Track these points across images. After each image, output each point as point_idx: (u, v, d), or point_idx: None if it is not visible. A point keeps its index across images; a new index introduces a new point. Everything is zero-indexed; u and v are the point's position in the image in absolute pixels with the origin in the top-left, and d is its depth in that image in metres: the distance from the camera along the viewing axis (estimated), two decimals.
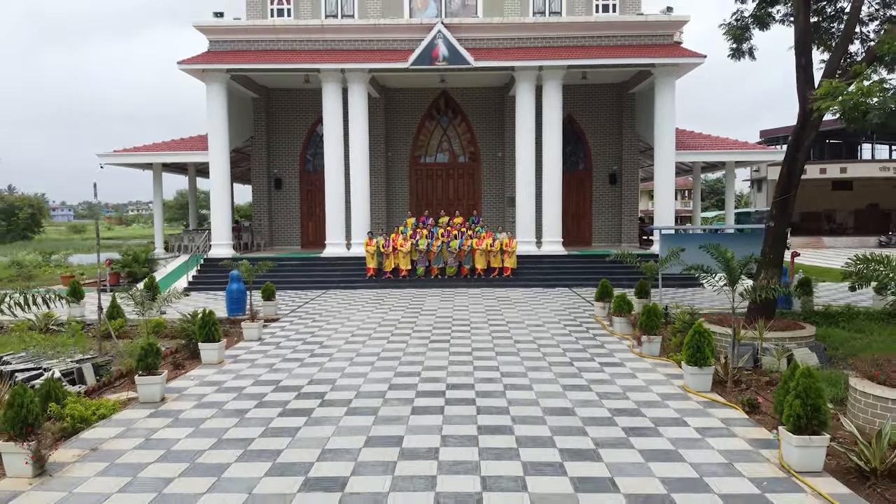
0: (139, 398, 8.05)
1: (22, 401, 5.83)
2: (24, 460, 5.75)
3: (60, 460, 6.14)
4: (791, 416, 5.85)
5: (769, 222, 12.05)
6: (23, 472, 5.78)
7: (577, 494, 5.25)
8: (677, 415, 7.32)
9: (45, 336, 13.08)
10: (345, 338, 11.97)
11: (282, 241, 26.06)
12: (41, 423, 6.00)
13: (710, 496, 5.25)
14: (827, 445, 5.81)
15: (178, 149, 23.91)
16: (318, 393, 8.29)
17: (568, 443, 6.41)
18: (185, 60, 20.71)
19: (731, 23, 15.01)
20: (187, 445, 6.48)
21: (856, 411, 7.27)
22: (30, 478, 5.75)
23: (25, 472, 5.77)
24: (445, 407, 7.61)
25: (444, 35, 20.55)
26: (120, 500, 5.27)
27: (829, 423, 5.88)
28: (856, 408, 7.31)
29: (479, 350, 10.80)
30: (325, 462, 5.96)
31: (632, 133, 25.05)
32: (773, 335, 10.44)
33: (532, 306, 15.74)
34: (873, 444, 5.92)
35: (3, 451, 5.82)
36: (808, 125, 11.58)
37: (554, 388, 8.44)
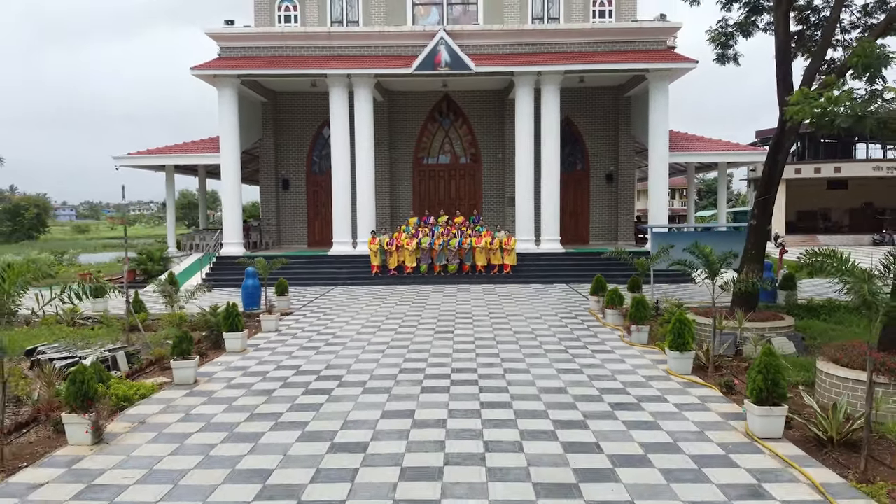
0: (174, 380, 8.91)
1: (82, 377, 6.69)
2: (85, 429, 6.61)
3: (114, 431, 7.00)
4: (754, 390, 6.70)
5: (751, 221, 12.90)
6: (83, 440, 6.63)
7: (567, 455, 6.10)
8: (659, 393, 8.18)
9: (72, 329, 13.95)
10: (356, 329, 12.84)
11: (289, 240, 26.92)
12: (99, 398, 6.87)
13: (682, 456, 6.10)
14: (785, 415, 6.66)
15: (189, 151, 24.79)
16: (335, 376, 9.16)
17: (560, 415, 7.27)
18: (198, 66, 21.57)
19: (716, 30, 15.89)
20: (224, 419, 7.34)
21: (822, 391, 8.11)
22: (90, 445, 6.61)
23: (86, 441, 6.63)
24: (451, 387, 8.46)
25: (446, 42, 21.39)
26: (172, 462, 6.12)
27: (786, 396, 6.73)
28: (821, 388, 8.15)
29: (481, 340, 11.65)
30: (347, 430, 6.82)
31: (628, 134, 25.90)
32: (753, 325, 11.28)
33: (531, 301, 16.60)
34: (830, 416, 6.78)
35: (66, 421, 6.67)
36: (787, 130, 12.42)
37: (549, 371, 9.29)
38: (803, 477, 5.64)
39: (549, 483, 5.48)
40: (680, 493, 5.29)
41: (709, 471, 5.76)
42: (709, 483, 5.50)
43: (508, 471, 5.72)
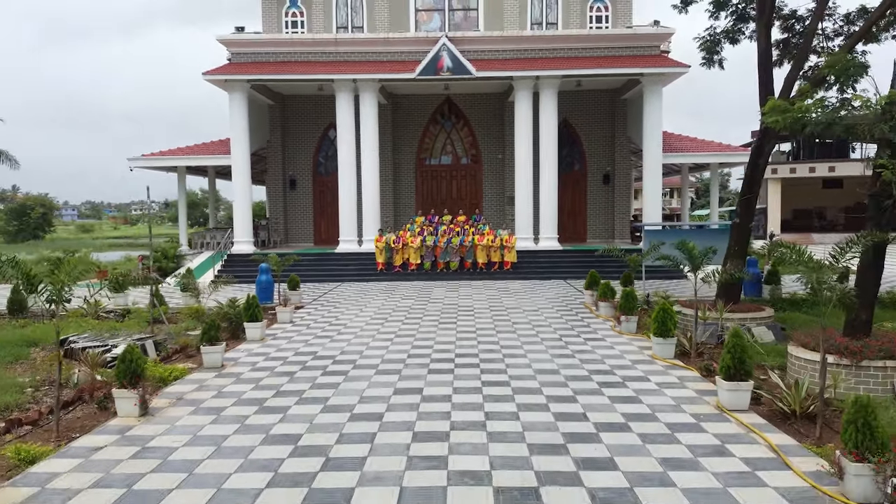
0: (204, 364, 9.80)
1: (131, 357, 7.58)
2: (133, 402, 7.50)
3: (156, 406, 7.88)
4: (723, 368, 7.59)
5: (735, 219, 13.78)
6: (131, 412, 7.52)
7: (557, 422, 6.99)
8: (642, 374, 9.06)
9: (97, 321, 14.86)
10: (365, 320, 13.72)
11: (296, 239, 27.81)
12: (144, 375, 7.76)
13: (658, 424, 6.98)
14: (750, 390, 7.54)
15: (199, 153, 25.68)
16: (349, 360, 10.05)
17: (552, 391, 8.15)
18: (210, 71, 22.46)
19: (704, 38, 16.78)
20: (253, 395, 8.23)
21: (792, 372, 8.99)
22: (137, 417, 7.49)
23: (133, 413, 7.52)
24: (455, 369, 9.35)
25: (448, 47, 22.27)
26: (212, 429, 7.00)
27: (752, 373, 7.61)
28: (791, 369, 9.04)
29: (482, 330, 12.54)
30: (364, 404, 7.71)
31: (624, 136, 26.77)
32: (735, 316, 12.17)
33: (529, 295, 17.48)
34: (793, 392, 7.66)
35: (116, 396, 7.56)
36: (767, 135, 13.29)
37: (544, 356, 10.18)
38: (762, 440, 6.51)
39: (541, 444, 6.36)
40: (653, 452, 6.17)
41: (680, 435, 6.64)
42: (679, 444, 6.38)
43: (506, 434, 6.61)
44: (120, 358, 7.64)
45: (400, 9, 26.50)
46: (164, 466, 5.98)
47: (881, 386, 8.34)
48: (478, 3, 26.63)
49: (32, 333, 13.27)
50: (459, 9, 26.77)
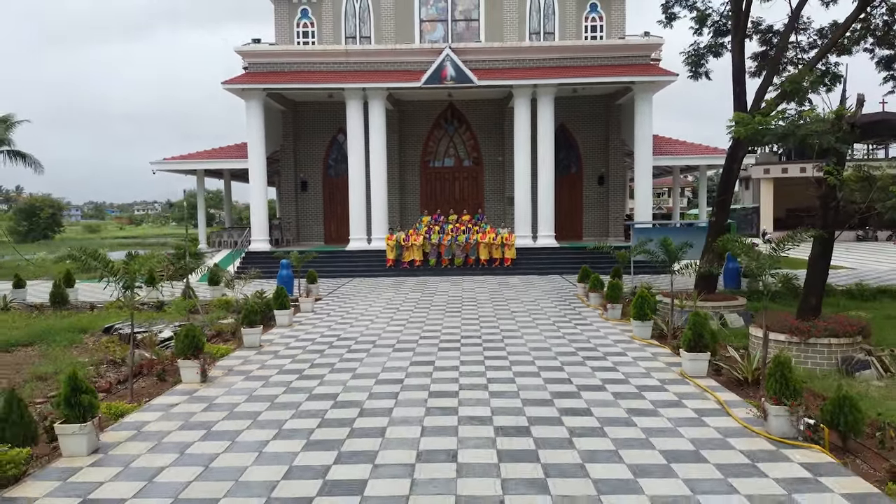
0: (244, 344, 11.35)
1: (193, 333, 9.13)
2: (196, 371, 9.04)
3: (212, 375, 9.42)
4: (685, 341, 9.12)
5: (711, 217, 15.30)
6: (194, 379, 9.06)
7: (546, 384, 8.52)
8: (621, 350, 10.60)
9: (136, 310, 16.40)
10: (379, 310, 15.26)
11: (307, 237, 29.34)
12: (203, 349, 9.30)
13: (629, 385, 8.50)
14: (707, 359, 9.06)
15: (217, 157, 27.23)
16: (369, 340, 11.59)
17: (543, 363, 9.69)
18: (228, 81, 24.00)
19: (689, 52, 18.30)
20: (292, 367, 9.77)
21: (751, 349, 10.49)
22: (198, 383, 9.03)
23: (195, 379, 9.05)
24: (461, 348, 10.88)
25: (451, 58, 23.79)
26: (264, 391, 8.53)
27: (709, 346, 9.13)
28: (752, 347, 10.55)
29: (484, 318, 14.07)
30: (386, 372, 9.26)
31: (618, 139, 28.28)
32: (709, 304, 13.72)
33: (527, 288, 19.01)
34: (746, 362, 9.18)
35: (181, 365, 9.11)
36: (739, 143, 14.78)
37: (538, 337, 11.71)
38: (713, 397, 8.04)
39: (532, 398, 7.90)
40: (622, 405, 7.69)
41: (646, 393, 8.17)
42: (644, 399, 7.91)
43: (504, 392, 8.15)
44: (183, 335, 9.18)
45: (405, 19, 28.04)
46: (232, 416, 7.52)
47: (826, 360, 9.87)
48: (479, 14, 28.18)
49: (78, 322, 14.75)
50: (462, 20, 28.31)
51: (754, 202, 54.16)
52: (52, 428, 6.60)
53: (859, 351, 10.13)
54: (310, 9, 28.17)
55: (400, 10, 28.03)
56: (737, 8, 15.35)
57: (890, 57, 18.46)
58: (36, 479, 5.79)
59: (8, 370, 10.39)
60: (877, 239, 45.57)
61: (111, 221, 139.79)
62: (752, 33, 18.67)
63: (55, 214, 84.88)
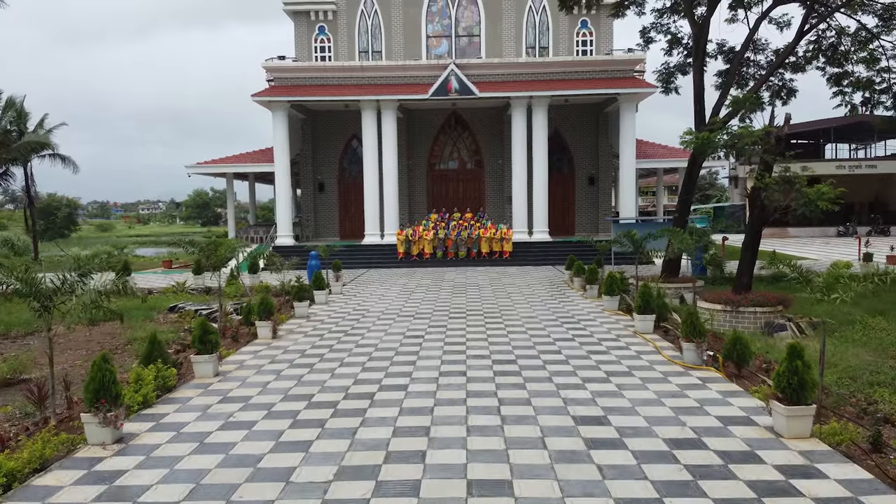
0: (295, 315, 14.30)
1: (267, 300, 12.08)
2: (269, 329, 11.99)
3: (280, 334, 12.37)
4: (637, 306, 12.06)
5: (675, 215, 18.22)
6: (267, 335, 12.00)
7: (531, 339, 11.47)
8: (592, 318, 13.55)
9: (189, 294, 19.34)
10: (396, 293, 18.22)
11: (324, 233, 32.29)
12: (274, 313, 12.27)
13: (592, 339, 11.45)
14: (653, 319, 11.99)
15: (244, 161, 30.21)
16: (394, 311, 14.56)
17: (530, 327, 12.64)
18: (257, 94, 26.95)
19: (661, 71, 21.22)
20: (338, 329, 12.74)
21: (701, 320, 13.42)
22: (270, 339, 11.98)
23: (268, 336, 12.00)
24: (467, 317, 13.83)
25: (455, 73, 26.71)
26: (324, 342, 11.48)
27: (655, 310, 12.06)
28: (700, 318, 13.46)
29: (486, 299, 17.00)
30: (411, 332, 12.23)
31: (606, 143, 31.19)
32: (671, 285, 16.62)
33: (522, 276, 21.96)
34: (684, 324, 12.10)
35: (259, 325, 12.06)
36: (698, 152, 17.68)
37: (528, 311, 14.66)
38: (652, 345, 10.96)
39: (519, 345, 10.85)
40: (584, 349, 10.63)
41: (604, 342, 11.12)
42: (601, 346, 10.84)
43: (499, 342, 11.13)
44: (259, 302, 12.15)
45: (413, 35, 30.98)
46: (304, 357, 10.47)
47: (753, 324, 12.76)
48: (480, 30, 31.11)
49: (146, 303, 17.58)
50: (464, 35, 31.25)
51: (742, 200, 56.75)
52: (179, 363, 9.53)
53: (779, 317, 13.05)
54: (326, 26, 31.12)
55: (408, 26, 30.96)
56: (696, 39, 18.26)
57: (839, 74, 21.29)
58: (185, 388, 8.74)
59: (102, 338, 13.25)
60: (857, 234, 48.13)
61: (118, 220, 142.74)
62: (718, 54, 21.58)
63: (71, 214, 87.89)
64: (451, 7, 31.19)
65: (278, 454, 6.23)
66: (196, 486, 5.57)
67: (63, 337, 13.30)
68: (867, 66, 20.62)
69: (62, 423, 7.27)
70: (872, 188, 50.69)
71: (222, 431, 6.96)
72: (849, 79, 21.13)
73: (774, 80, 21.67)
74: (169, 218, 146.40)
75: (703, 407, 7.46)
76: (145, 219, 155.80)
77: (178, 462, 6.11)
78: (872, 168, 50.64)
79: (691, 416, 7.15)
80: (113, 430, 6.62)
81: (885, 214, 50.14)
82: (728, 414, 7.20)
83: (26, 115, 31.51)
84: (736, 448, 6.18)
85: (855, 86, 21.05)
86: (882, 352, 9.98)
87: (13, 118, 30.43)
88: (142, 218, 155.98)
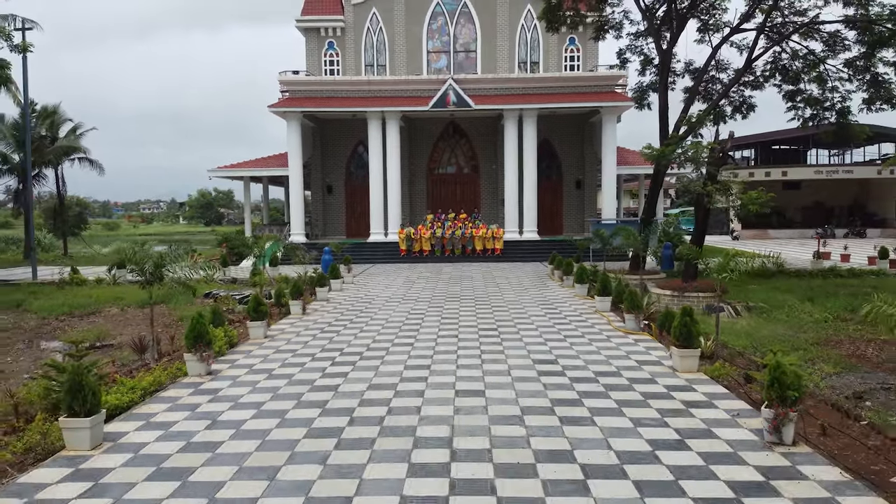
0: (316, 298, 17.08)
1: (298, 283, 14.87)
2: (300, 307, 14.77)
3: (307, 312, 15.14)
4: (597, 290, 14.86)
5: (642, 216, 21.02)
6: (298, 311, 14.79)
7: (512, 317, 14.27)
8: (565, 301, 16.34)
9: (219, 284, 22.09)
10: (401, 283, 21.01)
11: (331, 232, 35.06)
12: (303, 293, 15.05)
13: (561, 315, 14.23)
14: (610, 299, 14.77)
15: (259, 166, 33.02)
16: (399, 297, 17.36)
17: (513, 308, 15.44)
18: (273, 105, 29.73)
19: (635, 89, 24.01)
20: (354, 308, 15.52)
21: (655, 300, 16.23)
22: (301, 315, 14.75)
23: (299, 312, 14.78)
24: (460, 301, 16.63)
25: (453, 87, 29.48)
26: (343, 317, 14.25)
27: (612, 291, 14.85)
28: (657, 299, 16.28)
29: (477, 287, 19.78)
30: (414, 311, 15.03)
31: (592, 151, 33.98)
32: (636, 277, 19.40)
33: (512, 270, 24.76)
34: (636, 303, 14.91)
35: (291, 303, 14.84)
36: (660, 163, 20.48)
37: (513, 296, 17.45)
38: (605, 319, 13.75)
39: (501, 319, 13.65)
40: (553, 322, 13.42)
41: (568, 317, 13.91)
42: (566, 320, 13.63)
43: (485, 317, 13.94)
44: (293, 285, 14.93)
45: (415, 50, 33.79)
46: (331, 326, 13.26)
47: (696, 307, 15.36)
48: (476, 46, 33.93)
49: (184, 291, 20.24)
50: (462, 51, 34.07)
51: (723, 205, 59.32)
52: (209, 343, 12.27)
53: (719, 301, 15.82)
54: (335, 41, 33.93)
55: (410, 42, 33.77)
56: (662, 63, 21.07)
57: (793, 91, 24.04)
58: (244, 345, 11.52)
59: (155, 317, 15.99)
60: (834, 236, 50.56)
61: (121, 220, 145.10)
62: (685, 72, 24.35)
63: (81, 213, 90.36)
64: (449, 25, 34.00)
65: (327, 379, 9.03)
66: (274, 394, 8.36)
67: (120, 316, 16.11)
68: (818, 86, 23.37)
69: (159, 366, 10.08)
70: (852, 192, 53.24)
71: (283, 368, 9.77)
72: (801, 96, 23.89)
73: (736, 95, 24.46)
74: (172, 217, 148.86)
75: (628, 355, 10.27)
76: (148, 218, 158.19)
77: (257, 384, 8.91)
78: (849, 173, 52.93)
79: (617, 359, 9.96)
80: (206, 365, 9.41)
81: (863, 217, 52.48)
82: (644, 358, 10.01)
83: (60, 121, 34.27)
84: (641, 377, 8.98)
85: (806, 102, 23.80)
86: (799, 328, 12.49)
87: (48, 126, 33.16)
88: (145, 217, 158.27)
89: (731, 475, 5.61)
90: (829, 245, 34.52)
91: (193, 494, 5.44)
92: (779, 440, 6.28)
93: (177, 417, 7.49)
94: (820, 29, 21.98)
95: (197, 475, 5.82)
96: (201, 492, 5.48)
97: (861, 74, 21.77)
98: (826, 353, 10.07)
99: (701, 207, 16.82)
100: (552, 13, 23.02)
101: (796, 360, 7.63)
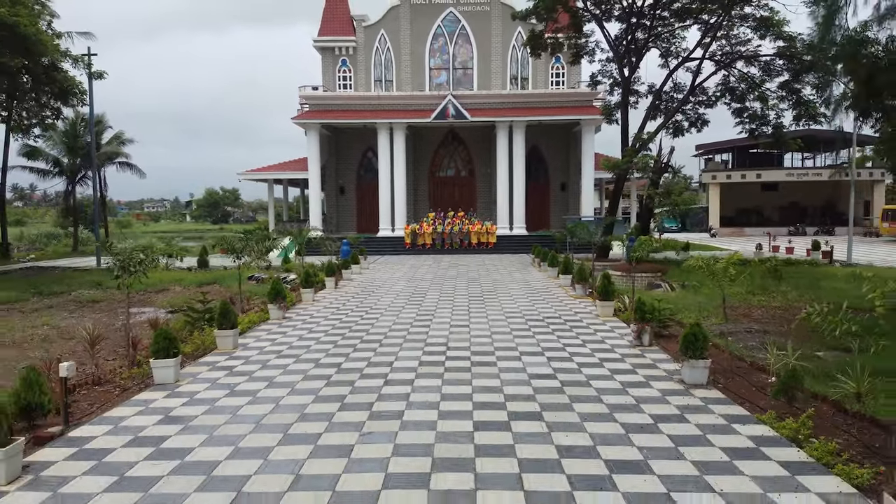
0: (342, 278, 21.48)
1: (332, 264, 19.28)
2: (333, 282, 19.19)
3: (339, 287, 19.55)
4: (560, 270, 19.27)
5: (606, 214, 25.39)
6: (331, 286, 19.20)
7: (498, 295, 18.68)
8: (537, 279, 20.75)
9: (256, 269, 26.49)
10: (408, 268, 25.42)
11: (344, 228, 39.45)
12: (336, 272, 19.47)
13: (535, 290, 18.64)
14: (571, 278, 19.18)
15: (283, 170, 37.47)
16: (408, 278, 21.78)
17: (500, 290, 19.83)
18: (296, 117, 34.14)
19: (604, 107, 28.44)
20: (373, 286, 19.93)
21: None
22: (332, 289, 19.16)
23: (332, 286, 19.19)
24: (456, 281, 21.03)
25: (452, 101, 33.88)
26: (367, 293, 18.66)
27: (588, 279, 19.25)
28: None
29: (471, 272, 24.16)
30: (419, 288, 19.45)
31: (575, 157, 38.32)
32: (601, 264, 23.86)
33: (502, 260, 29.18)
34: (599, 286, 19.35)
35: (326, 280, 19.26)
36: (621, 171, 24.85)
37: (500, 278, 21.85)
38: (564, 290, 18.15)
39: (488, 292, 18.06)
40: (529, 296, 17.82)
41: (539, 292, 18.31)
42: (538, 294, 18.02)
43: (475, 291, 18.36)
44: (327, 265, 19.32)
45: (418, 67, 38.19)
46: (357, 296, 17.66)
47: (640, 284, 19.92)
48: (473, 63, 38.33)
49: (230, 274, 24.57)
50: (460, 68, 38.49)
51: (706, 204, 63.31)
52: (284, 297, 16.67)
53: (658, 280, 20.24)
54: (348, 59, 38.33)
55: (414, 60, 38.18)
56: (624, 88, 25.48)
57: (740, 109, 28.43)
58: (300, 306, 15.95)
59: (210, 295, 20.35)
60: (805, 233, 54.13)
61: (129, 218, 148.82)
62: (648, 93, 28.77)
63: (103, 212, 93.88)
64: (449, 45, 38.41)
65: (366, 320, 13.49)
66: (333, 326, 12.82)
67: (185, 291, 20.39)
68: (761, 104, 27.78)
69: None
70: (826, 193, 56.99)
71: (333, 315, 14.24)
72: (746, 112, 28.31)
73: (691, 112, 28.89)
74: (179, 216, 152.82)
75: (570, 309, 14.74)
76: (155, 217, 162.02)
77: (318, 322, 13.36)
78: (818, 176, 56.31)
79: (564, 312, 14.42)
80: (282, 312, 13.85)
81: (833, 216, 56.10)
82: (581, 309, 14.52)
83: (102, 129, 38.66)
84: (572, 319, 13.44)
85: (750, 118, 28.24)
86: (714, 299, 16.76)
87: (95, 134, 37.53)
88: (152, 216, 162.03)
89: (608, 359, 10.06)
90: (792, 241, 38.68)
91: (299, 372, 9.88)
92: (640, 343, 10.73)
93: (275, 336, 12.00)
94: (758, 56, 26.45)
95: (302, 358, 10.27)
96: (299, 371, 9.92)
97: (791, 95, 26.20)
98: (720, 312, 14.47)
99: (644, 207, 21.22)
100: (535, 41, 27.45)
101: (661, 303, 12.05)
